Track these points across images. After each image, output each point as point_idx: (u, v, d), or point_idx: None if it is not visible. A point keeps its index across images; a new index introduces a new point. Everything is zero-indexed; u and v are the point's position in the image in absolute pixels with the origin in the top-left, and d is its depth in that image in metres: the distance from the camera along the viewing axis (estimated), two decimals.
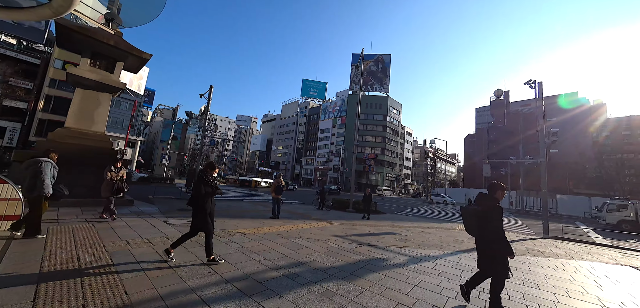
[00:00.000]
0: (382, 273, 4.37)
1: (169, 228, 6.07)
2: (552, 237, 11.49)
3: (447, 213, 20.78)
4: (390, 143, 66.74)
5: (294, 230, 7.41)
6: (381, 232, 8.69)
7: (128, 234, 5.27)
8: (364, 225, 9.95)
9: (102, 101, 9.18)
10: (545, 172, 12.43)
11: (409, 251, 6.15)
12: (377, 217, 13.37)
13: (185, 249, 4.51)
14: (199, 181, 3.97)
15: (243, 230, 6.68)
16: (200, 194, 3.90)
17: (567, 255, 7.39)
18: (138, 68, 10.73)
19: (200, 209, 3.93)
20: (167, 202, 11.63)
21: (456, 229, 11.26)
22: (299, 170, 75.62)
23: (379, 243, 6.80)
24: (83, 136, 8.62)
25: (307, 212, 12.66)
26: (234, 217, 8.82)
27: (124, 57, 9.57)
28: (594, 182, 41.43)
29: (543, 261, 6.31)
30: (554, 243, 9.55)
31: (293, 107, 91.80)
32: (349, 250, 5.75)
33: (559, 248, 8.49)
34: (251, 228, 7.03)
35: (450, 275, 4.59)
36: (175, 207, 9.92)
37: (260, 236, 6.18)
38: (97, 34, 8.57)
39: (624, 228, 17.68)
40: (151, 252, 4.30)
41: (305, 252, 5.19)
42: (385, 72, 67.06)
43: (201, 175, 4.03)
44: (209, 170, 4.18)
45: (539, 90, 13.11)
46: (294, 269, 4.13)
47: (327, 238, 6.76)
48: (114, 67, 9.46)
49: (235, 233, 6.25)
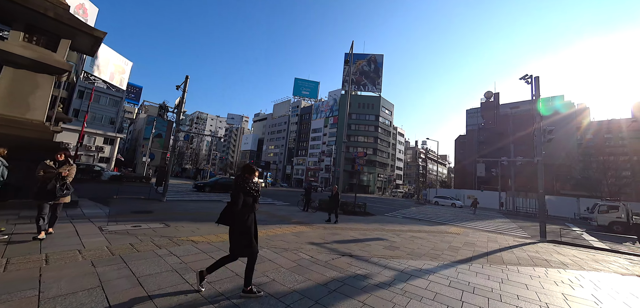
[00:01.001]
0: (359, 299, 3.28)
1: (95, 238, 4.79)
2: (549, 240, 10.77)
3: (438, 214, 20.04)
4: (382, 143, 66.31)
5: (263, 236, 6.26)
6: (367, 237, 7.64)
7: (19, 250, 3.99)
8: (349, 229, 8.89)
9: (40, 84, 7.75)
10: (542, 171, 11.74)
11: (397, 263, 5.11)
12: (365, 220, 12.36)
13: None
14: (238, 189, 3.04)
15: (198, 237, 5.48)
16: (240, 207, 2.97)
17: (575, 264, 6.54)
18: (92, 49, 9.31)
19: (240, 227, 3.01)
20: (129, 202, 10.26)
21: (449, 232, 10.37)
22: (291, 170, 74.28)
23: (363, 252, 5.74)
24: (13, 125, 7.18)
25: (289, 214, 11.51)
26: (196, 220, 7.58)
27: (70, 34, 8.16)
28: (579, 183, 42.05)
29: (554, 274, 5.39)
30: (555, 249, 8.75)
31: (285, 106, 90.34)
32: (324, 263, 4.65)
33: (563, 255, 7.68)
34: (209, 235, 5.83)
35: (449, 299, 3.56)
36: (132, 209, 8.59)
37: (214, 246, 5.00)
38: (30, 2, 7.16)
39: (615, 230, 17.39)
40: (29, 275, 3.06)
41: (264, 268, 4.05)
42: (377, 72, 66.66)
43: (240, 183, 3.09)
44: (248, 174, 3.20)
45: (536, 85, 12.44)
46: (236, 298, 2.99)
47: (300, 246, 5.64)
48: (58, 45, 8.04)
49: (184, 241, 5.05)
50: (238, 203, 2.98)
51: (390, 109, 70.86)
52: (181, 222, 7.12)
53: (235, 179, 3.24)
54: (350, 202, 15.51)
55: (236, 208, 2.98)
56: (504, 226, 15.77)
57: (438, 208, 28.20)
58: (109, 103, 40.54)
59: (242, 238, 3.03)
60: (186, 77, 14.88)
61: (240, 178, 3.16)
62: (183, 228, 6.28)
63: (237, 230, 3.03)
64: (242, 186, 3.06)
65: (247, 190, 3.07)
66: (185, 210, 9.61)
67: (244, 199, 3.02)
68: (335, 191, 10.79)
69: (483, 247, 7.71)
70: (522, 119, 53.98)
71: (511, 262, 6.06)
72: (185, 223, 6.97)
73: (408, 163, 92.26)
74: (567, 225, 20.59)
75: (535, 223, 19.55)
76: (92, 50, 9.33)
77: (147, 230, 5.66)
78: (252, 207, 3.12)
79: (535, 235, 12.76)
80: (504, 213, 28.36)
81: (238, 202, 2.98)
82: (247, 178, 3.18)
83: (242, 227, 3.02)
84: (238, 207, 2.98)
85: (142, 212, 8.34)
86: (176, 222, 6.99)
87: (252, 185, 3.15)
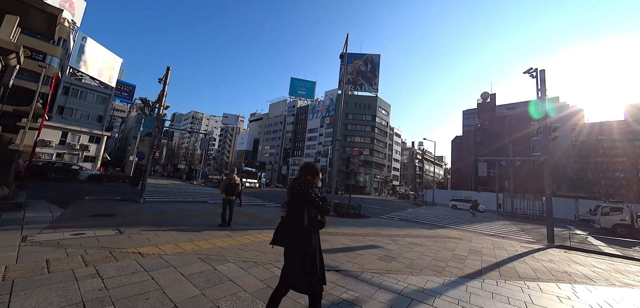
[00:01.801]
0: None
1: (2, 254, 3.73)
2: (558, 246, 9.94)
3: (436, 216, 19.17)
4: (379, 144, 65.59)
5: (234, 246, 5.25)
6: (360, 245, 6.67)
7: None
8: (340, 234, 7.91)
9: None
10: (549, 171, 10.94)
11: (394, 280, 4.15)
12: (359, 223, 11.39)
13: None
14: (300, 200, 2.26)
15: (149, 248, 4.44)
16: (305, 224, 2.21)
17: (600, 278, 5.65)
18: (49, 29, 8.18)
19: (305, 252, 2.19)
20: (97, 204, 9.15)
21: (450, 237, 9.47)
22: (286, 170, 73.12)
23: (353, 265, 4.76)
24: None
25: (275, 218, 10.47)
26: (163, 225, 6.52)
27: (16, 9, 7.04)
28: (575, 184, 41.81)
29: (585, 294, 4.47)
30: (569, 257, 7.89)
31: (281, 106, 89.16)
32: None
33: (580, 264, 6.81)
34: (167, 244, 4.79)
35: None
36: (93, 212, 7.48)
37: (165, 260, 3.96)
38: None
39: (619, 233, 16.74)
40: None
41: (219, 293, 3.05)
42: (374, 72, 65.94)
43: (303, 190, 2.30)
44: (311, 177, 2.44)
45: (541, 79, 11.65)
46: None
47: (277, 259, 4.65)
48: (1, 22, 6.92)
49: (129, 254, 4.02)
50: (304, 219, 2.17)
51: (387, 109, 70.26)
52: (142, 227, 6.07)
53: (294, 184, 2.35)
54: (344, 204, 14.54)
55: (301, 226, 2.16)
56: (505, 229, 14.96)
57: (436, 209, 27.39)
58: (96, 100, 38.94)
59: (306, 267, 2.19)
60: (167, 68, 13.81)
61: (302, 183, 2.32)
62: (138, 235, 5.22)
63: (299, 254, 2.18)
64: (307, 194, 2.24)
65: (311, 198, 2.23)
66: (160, 213, 8.53)
67: (311, 213, 2.25)
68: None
69: (491, 256, 6.80)
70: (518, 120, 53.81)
71: (528, 277, 5.15)
72: (146, 229, 5.91)
73: (405, 164, 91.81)
74: (568, 227, 19.94)
75: (537, 226, 18.85)
76: (49, 30, 8.19)
77: (88, 239, 4.61)
78: (320, 223, 2.30)
79: (540, 239, 11.96)
80: (502, 215, 27.70)
81: (304, 217, 2.18)
82: (310, 182, 2.35)
83: (306, 252, 2.18)
84: (304, 225, 2.16)
85: (103, 215, 7.25)
86: (136, 227, 5.94)
87: (317, 192, 2.29)
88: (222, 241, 5.52)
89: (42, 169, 17.40)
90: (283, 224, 2.29)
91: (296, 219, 2.19)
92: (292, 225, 2.21)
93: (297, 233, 2.17)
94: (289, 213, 2.28)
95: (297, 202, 2.24)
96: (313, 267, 2.19)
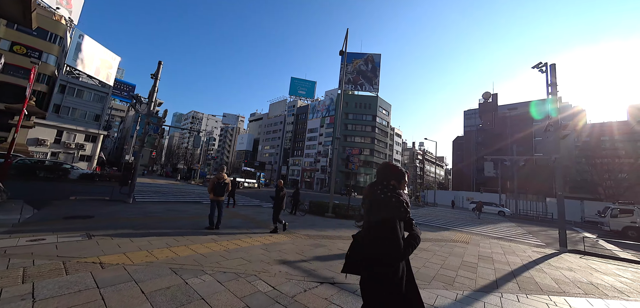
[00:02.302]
0: None
1: None
2: (571, 250, 9.31)
3: (438, 217, 18.53)
4: (379, 144, 64.95)
5: (216, 252, 4.64)
6: None
7: None
8: (338, 238, 7.29)
9: None
10: (560, 170, 10.31)
11: None
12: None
13: None
14: (392, 209, 1.57)
15: (114, 257, 3.83)
16: (400, 245, 1.52)
17: (630, 289, 5.02)
18: (25, 17, 7.59)
19: (391, 284, 1.54)
20: (82, 204, 8.59)
21: (456, 240, 8.84)
22: (286, 170, 72.54)
23: (351, 277, 4.15)
24: None
25: (271, 220, 9.86)
26: (141, 228, 5.91)
27: None
28: (578, 185, 41.11)
29: None
30: (587, 263, 7.26)
31: (281, 106, 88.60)
32: (288, 301, 3.05)
33: (603, 272, 6.18)
34: (136, 252, 4.18)
35: None
36: (68, 213, 6.88)
37: (128, 272, 3.34)
38: None
39: (630, 236, 16.09)
40: None
41: None
42: (374, 72, 65.31)
43: (390, 199, 1.60)
44: (396, 181, 1.76)
45: (551, 74, 11.03)
46: None
47: (264, 268, 4.03)
48: None
49: (86, 265, 3.41)
50: (398, 240, 1.51)
51: (388, 109, 69.66)
52: (118, 230, 5.46)
53: (374, 189, 1.71)
54: (343, 205, 13.92)
55: (396, 252, 1.50)
56: (512, 231, 14.32)
57: (437, 210, 26.74)
58: (93, 98, 38.41)
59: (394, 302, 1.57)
60: (159, 62, 13.24)
61: (385, 189, 1.67)
62: (108, 241, 4.62)
63: (389, 283, 1.54)
64: (396, 205, 1.58)
65: (405, 210, 1.60)
66: (145, 214, 7.93)
67: (401, 232, 1.57)
68: (280, 185, 7.95)
69: (503, 262, 6.18)
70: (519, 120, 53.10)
71: (552, 290, 4.52)
72: (121, 232, 5.31)
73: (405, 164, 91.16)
74: (574, 229, 19.31)
75: (544, 228, 18.21)
76: (25, 18, 7.59)
77: (45, 247, 4.01)
78: (412, 244, 1.62)
79: (550, 242, 11.33)
80: (506, 216, 27.01)
81: (395, 238, 1.50)
82: (396, 186, 1.71)
83: (398, 283, 1.55)
84: (401, 248, 1.51)
85: (79, 217, 6.65)
86: (109, 230, 5.34)
87: (406, 201, 1.65)
88: (204, 247, 4.91)
89: (32, 168, 16.84)
90: (360, 245, 1.67)
91: (390, 242, 1.51)
92: (377, 247, 1.55)
93: (384, 258, 1.51)
94: (370, 231, 1.61)
95: (385, 213, 1.57)
96: (402, 297, 1.56)
